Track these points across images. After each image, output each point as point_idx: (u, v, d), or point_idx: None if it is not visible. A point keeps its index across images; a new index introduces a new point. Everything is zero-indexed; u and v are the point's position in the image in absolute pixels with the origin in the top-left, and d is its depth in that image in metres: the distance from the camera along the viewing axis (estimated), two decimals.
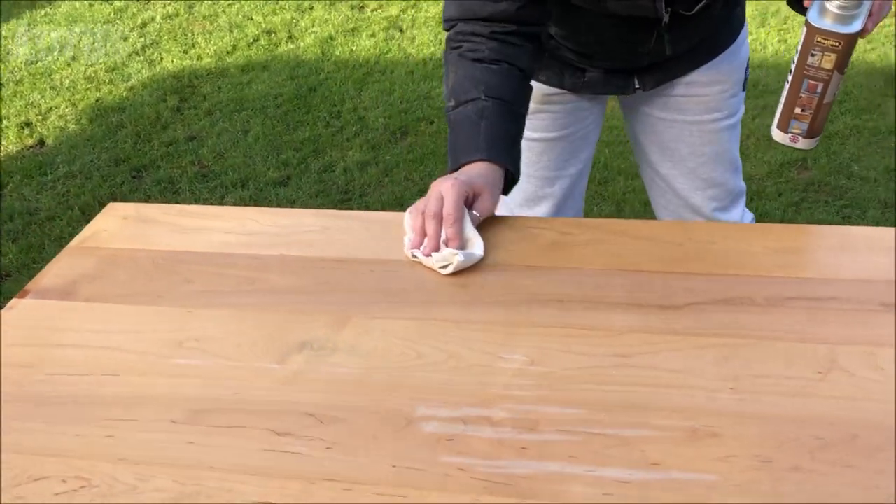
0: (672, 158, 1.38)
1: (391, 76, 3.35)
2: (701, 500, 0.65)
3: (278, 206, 2.57)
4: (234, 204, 2.60)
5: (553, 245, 0.97)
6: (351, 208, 2.55)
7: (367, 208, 2.55)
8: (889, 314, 0.82)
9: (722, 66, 1.30)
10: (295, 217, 1.06)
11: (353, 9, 3.96)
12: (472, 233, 0.93)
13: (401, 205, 2.53)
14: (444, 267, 0.90)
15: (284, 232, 1.03)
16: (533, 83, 1.12)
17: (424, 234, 0.93)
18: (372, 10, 3.95)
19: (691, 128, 1.34)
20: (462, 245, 0.92)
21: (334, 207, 2.54)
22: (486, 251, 0.94)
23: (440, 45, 3.62)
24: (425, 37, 3.66)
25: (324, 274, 0.95)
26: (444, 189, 0.94)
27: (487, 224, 1.00)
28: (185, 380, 0.81)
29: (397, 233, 0.99)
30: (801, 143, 0.99)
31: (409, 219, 0.96)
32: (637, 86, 1.29)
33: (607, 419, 0.73)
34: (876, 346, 0.78)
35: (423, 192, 0.99)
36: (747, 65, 1.34)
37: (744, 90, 1.36)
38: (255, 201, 2.62)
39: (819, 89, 0.94)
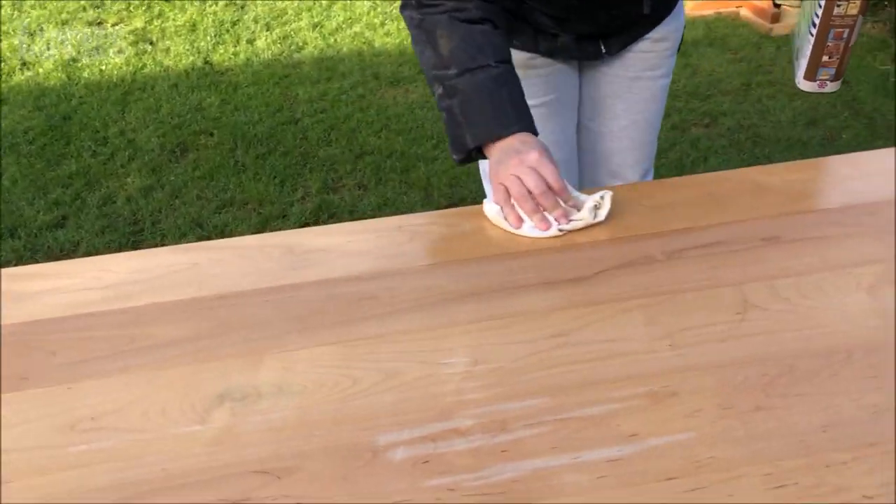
0: (612, 115, 1.35)
1: (154, 92, 3.12)
2: (690, 460, 0.66)
3: (60, 251, 2.30)
4: (7, 258, 2.29)
5: (446, 239, 0.94)
6: (144, 239, 2.35)
7: (164, 237, 2.36)
8: (772, 247, 0.89)
9: (670, 24, 1.27)
10: (155, 258, 0.94)
11: (90, 25, 3.63)
12: (574, 192, 0.95)
13: (200, 226, 2.37)
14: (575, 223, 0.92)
15: (149, 276, 0.91)
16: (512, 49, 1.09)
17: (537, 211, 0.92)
18: (113, 25, 3.65)
19: (634, 84, 1.32)
20: (578, 207, 0.93)
21: (125, 241, 2.32)
22: (383, 259, 0.90)
23: (199, 53, 3.42)
24: (180, 46, 3.44)
25: (212, 315, 0.85)
26: (534, 163, 0.92)
27: (370, 232, 0.96)
28: (94, 468, 0.69)
29: (279, 255, 0.92)
30: (829, 87, 1.03)
31: (504, 210, 0.94)
32: (603, 50, 1.25)
33: (570, 401, 0.72)
34: (772, 279, 0.84)
35: (221, 208, 0.91)
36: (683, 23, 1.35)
37: (678, 50, 1.36)
38: (31, 250, 2.32)
39: (845, 35, 0.98)
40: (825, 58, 1.00)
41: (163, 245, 2.18)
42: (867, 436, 0.67)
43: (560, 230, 0.91)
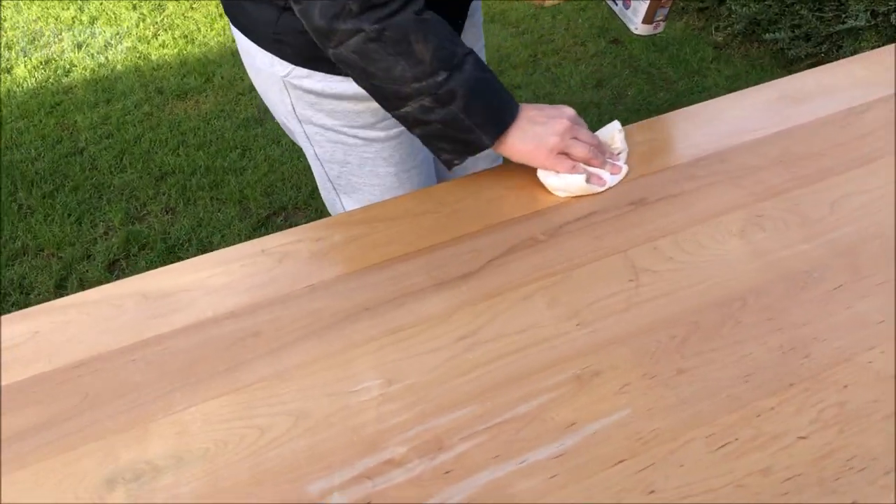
0: None
1: None
2: (634, 439, 0.65)
3: None
4: None
5: (318, 255, 0.87)
6: None
7: None
8: (642, 209, 0.90)
9: None
10: None
11: None
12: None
13: None
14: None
15: None
16: None
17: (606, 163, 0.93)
18: None
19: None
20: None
21: None
22: (255, 289, 0.83)
23: None
24: None
25: (74, 388, 0.73)
26: (572, 117, 0.93)
27: (231, 262, 0.87)
28: None
29: (134, 305, 0.81)
30: (661, 28, 1.06)
31: (556, 174, 0.92)
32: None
33: (499, 404, 0.69)
34: (652, 240, 0.86)
35: (13, 259, 0.81)
36: None
37: None
38: None
39: None
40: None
41: None
42: (784, 377, 0.69)
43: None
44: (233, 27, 1.09)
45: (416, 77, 0.84)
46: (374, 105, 1.03)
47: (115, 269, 2.12)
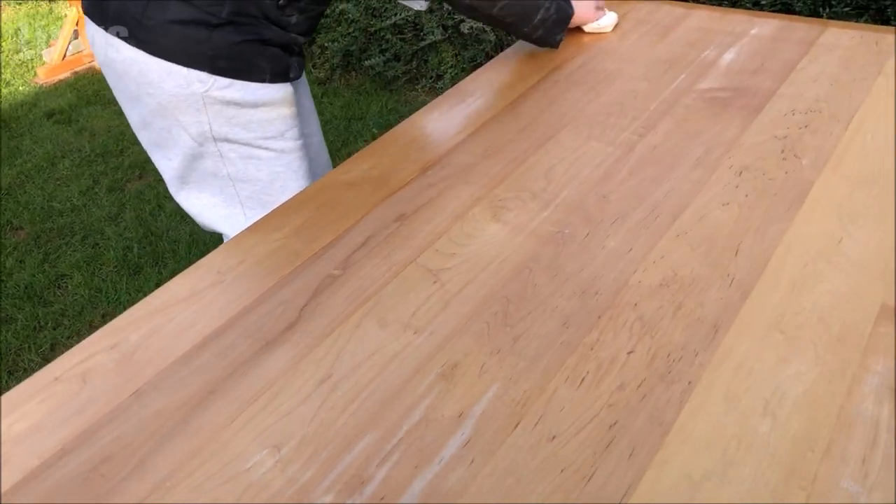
0: (316, 125, 1.45)
1: None
2: (513, 404, 0.74)
3: None
4: None
5: (123, 361, 0.83)
6: None
7: None
8: (407, 222, 1.00)
9: None
10: None
11: None
12: None
13: None
14: None
15: None
16: (282, 85, 1.19)
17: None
18: None
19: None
20: None
21: None
22: (72, 419, 0.77)
23: None
24: None
25: None
26: None
27: (28, 399, 0.79)
28: None
29: None
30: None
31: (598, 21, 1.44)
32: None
33: (390, 423, 0.74)
34: (431, 244, 0.96)
35: None
36: None
37: None
38: None
39: None
40: None
41: None
42: (592, 313, 0.83)
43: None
44: (134, 57, 1.12)
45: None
46: (285, 111, 1.20)
47: None
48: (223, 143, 1.18)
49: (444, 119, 1.21)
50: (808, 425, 0.68)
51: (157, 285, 1.80)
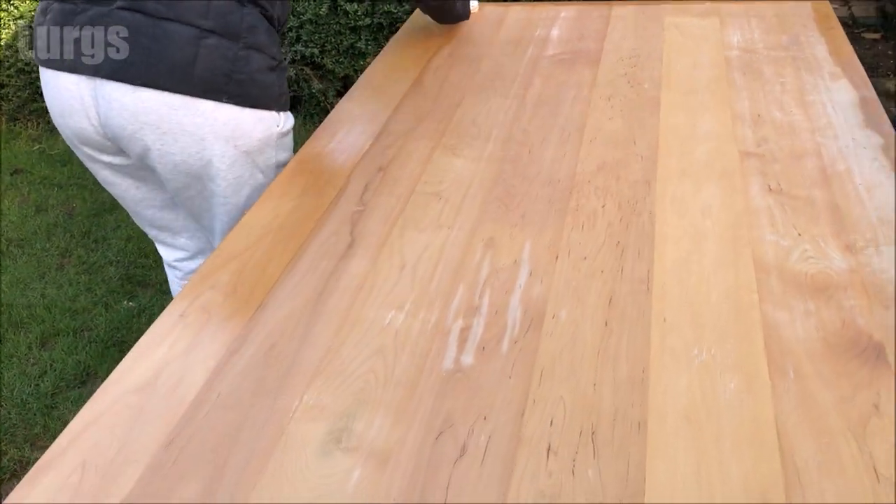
0: None
1: None
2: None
3: None
4: None
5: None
6: None
7: None
8: (383, 172, 1.28)
9: None
10: None
11: None
12: None
13: None
14: None
15: None
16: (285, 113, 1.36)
17: None
18: None
19: None
20: None
21: None
22: None
23: None
24: None
25: None
26: None
27: None
28: None
29: None
30: None
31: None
32: None
33: (465, 285, 1.02)
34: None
35: None
36: None
37: None
38: None
39: None
40: None
41: None
42: (571, 185, 1.17)
43: None
44: (222, 114, 1.24)
45: None
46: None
47: None
48: (278, 168, 1.36)
49: (369, 103, 1.50)
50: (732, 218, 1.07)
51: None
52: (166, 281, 2.37)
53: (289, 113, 1.36)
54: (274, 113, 1.31)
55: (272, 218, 1.16)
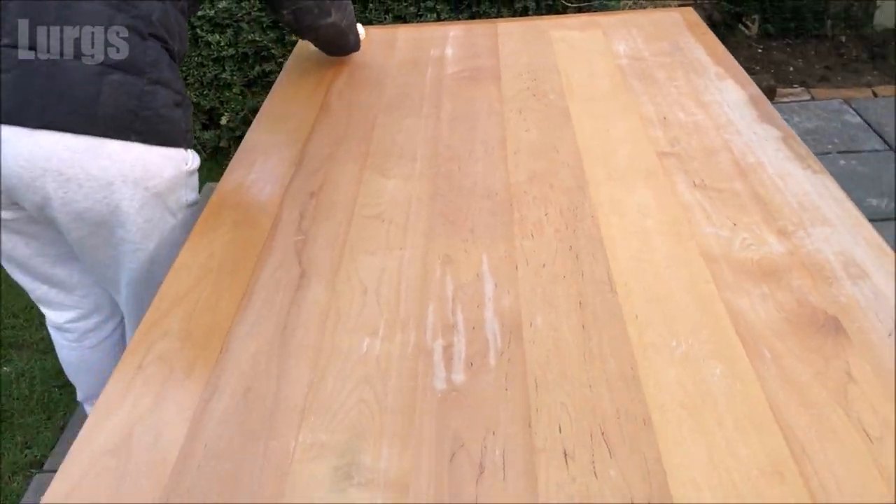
0: None
1: None
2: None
3: None
4: None
5: None
6: None
7: None
8: (315, 199, 1.25)
9: None
10: None
11: None
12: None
13: None
14: None
15: None
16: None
17: None
18: None
19: None
20: None
21: None
22: None
23: None
24: None
25: None
26: None
27: None
28: None
29: None
30: None
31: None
32: None
33: (434, 302, 1.01)
34: None
35: None
36: None
37: None
38: None
39: None
40: None
41: None
42: (509, 197, 1.19)
43: None
44: (130, 154, 1.15)
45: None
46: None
47: None
48: (190, 208, 1.28)
49: (279, 131, 1.46)
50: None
51: None
52: (44, 339, 2.19)
53: (194, 151, 1.29)
54: (182, 150, 1.24)
55: (208, 255, 1.10)
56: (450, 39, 1.82)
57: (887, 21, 3.93)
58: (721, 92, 1.47)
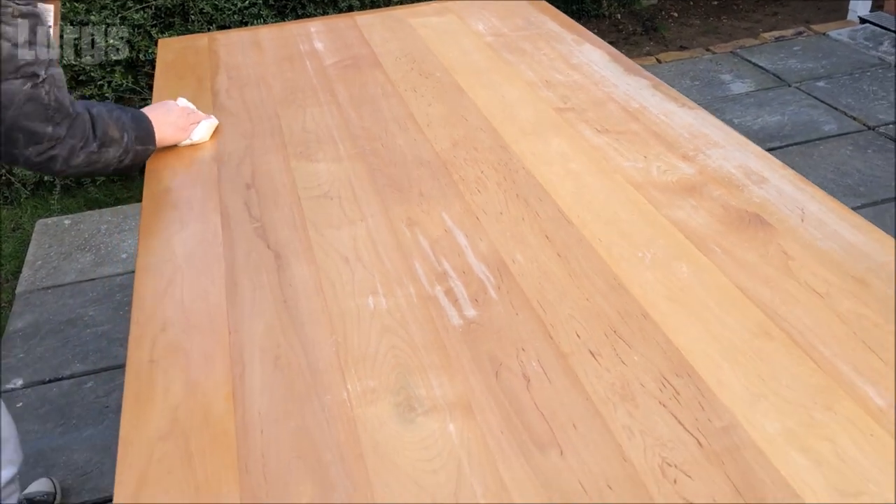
0: None
1: None
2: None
3: None
4: None
5: None
6: None
7: None
8: (252, 189, 1.28)
9: None
10: None
11: None
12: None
13: None
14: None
15: None
16: None
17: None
18: None
19: None
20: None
21: None
22: None
23: None
24: None
25: None
26: (171, 102, 1.40)
27: None
28: None
29: None
30: None
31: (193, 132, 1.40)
32: None
33: (419, 260, 1.09)
34: None
35: None
36: None
37: None
38: None
39: None
40: None
41: None
42: (443, 162, 1.28)
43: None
44: None
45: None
46: None
47: None
48: None
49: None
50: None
51: None
52: None
53: None
54: None
55: (170, 253, 1.10)
56: (314, 35, 1.87)
57: None
58: (584, 54, 1.64)
